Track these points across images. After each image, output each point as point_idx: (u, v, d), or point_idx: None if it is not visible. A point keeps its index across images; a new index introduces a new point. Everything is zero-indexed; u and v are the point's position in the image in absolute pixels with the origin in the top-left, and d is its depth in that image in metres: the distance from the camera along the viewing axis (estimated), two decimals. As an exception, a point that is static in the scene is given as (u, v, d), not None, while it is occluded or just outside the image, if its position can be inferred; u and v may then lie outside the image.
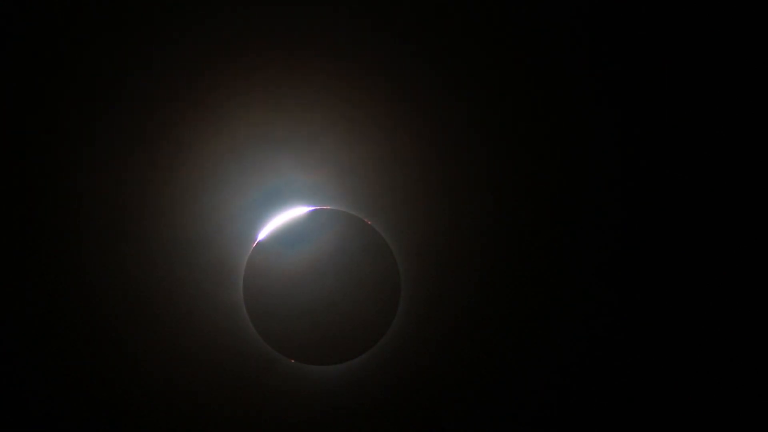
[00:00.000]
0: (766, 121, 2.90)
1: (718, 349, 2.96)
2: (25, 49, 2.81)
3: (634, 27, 2.84)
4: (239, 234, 3.10)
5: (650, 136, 2.91)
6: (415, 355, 3.07)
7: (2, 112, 2.84)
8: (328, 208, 3.16)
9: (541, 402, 3.00)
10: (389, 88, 2.92)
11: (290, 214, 3.15)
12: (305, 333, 3.11)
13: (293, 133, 3.01)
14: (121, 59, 2.85)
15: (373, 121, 2.97)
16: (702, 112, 2.90)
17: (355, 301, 3.12)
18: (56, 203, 2.91)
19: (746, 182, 2.93)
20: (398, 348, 3.09)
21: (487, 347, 3.05)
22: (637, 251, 2.97)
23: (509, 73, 2.89)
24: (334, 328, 3.11)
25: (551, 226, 3.00)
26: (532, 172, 2.98)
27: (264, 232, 3.13)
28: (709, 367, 2.97)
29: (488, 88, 2.90)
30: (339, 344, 3.12)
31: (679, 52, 2.89)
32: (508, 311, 3.04)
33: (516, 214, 3.01)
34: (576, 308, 3.00)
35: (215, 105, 2.94)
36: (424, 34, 2.84)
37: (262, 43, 2.87)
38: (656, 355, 2.99)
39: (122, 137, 2.92)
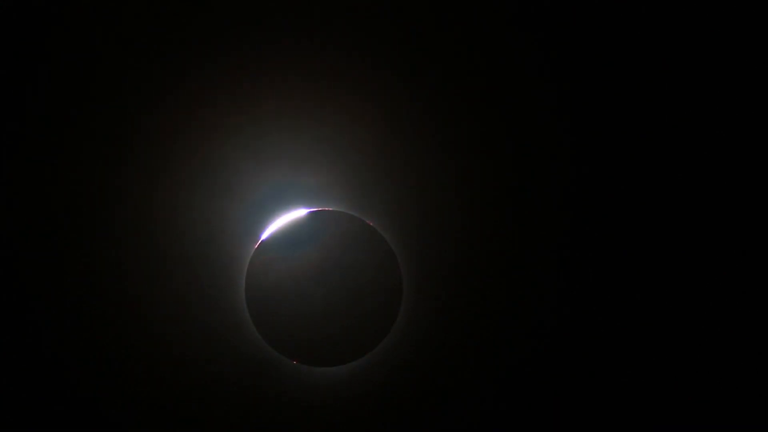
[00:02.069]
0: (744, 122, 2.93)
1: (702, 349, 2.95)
2: (26, 50, 2.86)
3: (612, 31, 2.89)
4: (242, 235, 3.12)
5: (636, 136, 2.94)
6: (417, 356, 3.06)
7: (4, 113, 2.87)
8: (330, 209, 3.19)
9: (542, 403, 2.98)
10: (396, 91, 2.94)
11: (292, 215, 3.18)
12: (307, 334, 3.11)
13: (296, 135, 3.04)
14: (129, 66, 2.90)
15: (376, 123, 3.01)
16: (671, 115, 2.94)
17: (357, 302, 3.12)
18: (60, 204, 2.93)
19: (742, 183, 2.95)
20: (400, 349, 3.08)
21: (489, 348, 3.03)
22: (635, 251, 2.98)
23: (514, 74, 2.93)
24: (335, 329, 3.11)
25: (553, 228, 3.01)
26: (537, 175, 2.99)
27: (266, 234, 3.15)
28: (701, 367, 2.96)
29: (492, 89, 2.93)
30: (341, 345, 3.11)
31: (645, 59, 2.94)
32: (510, 312, 3.04)
33: (517, 215, 3.03)
34: (576, 307, 3.00)
35: (218, 108, 2.97)
36: (433, 35, 2.86)
37: (264, 46, 2.92)
38: (661, 355, 2.97)
39: (126, 140, 2.95)
